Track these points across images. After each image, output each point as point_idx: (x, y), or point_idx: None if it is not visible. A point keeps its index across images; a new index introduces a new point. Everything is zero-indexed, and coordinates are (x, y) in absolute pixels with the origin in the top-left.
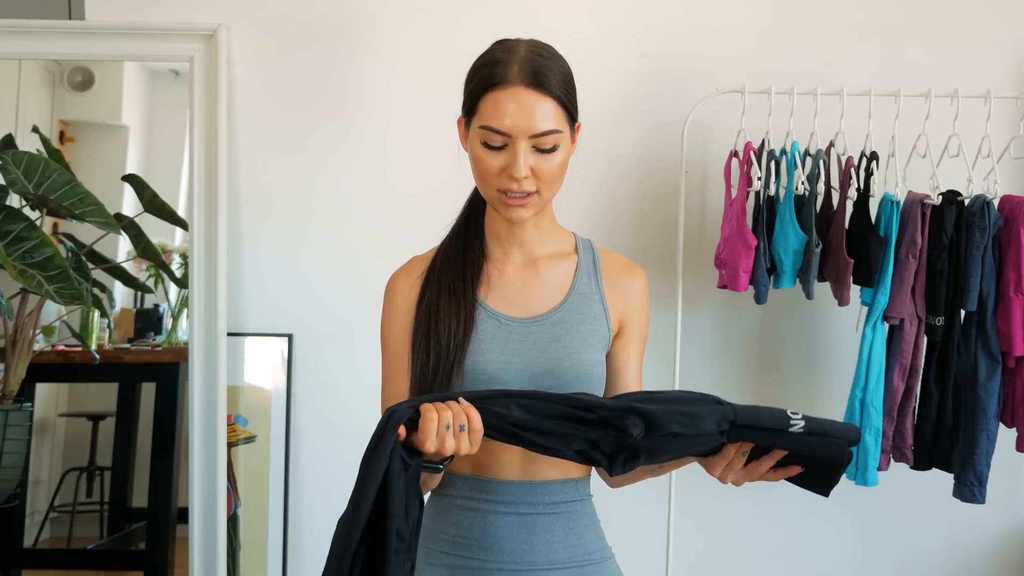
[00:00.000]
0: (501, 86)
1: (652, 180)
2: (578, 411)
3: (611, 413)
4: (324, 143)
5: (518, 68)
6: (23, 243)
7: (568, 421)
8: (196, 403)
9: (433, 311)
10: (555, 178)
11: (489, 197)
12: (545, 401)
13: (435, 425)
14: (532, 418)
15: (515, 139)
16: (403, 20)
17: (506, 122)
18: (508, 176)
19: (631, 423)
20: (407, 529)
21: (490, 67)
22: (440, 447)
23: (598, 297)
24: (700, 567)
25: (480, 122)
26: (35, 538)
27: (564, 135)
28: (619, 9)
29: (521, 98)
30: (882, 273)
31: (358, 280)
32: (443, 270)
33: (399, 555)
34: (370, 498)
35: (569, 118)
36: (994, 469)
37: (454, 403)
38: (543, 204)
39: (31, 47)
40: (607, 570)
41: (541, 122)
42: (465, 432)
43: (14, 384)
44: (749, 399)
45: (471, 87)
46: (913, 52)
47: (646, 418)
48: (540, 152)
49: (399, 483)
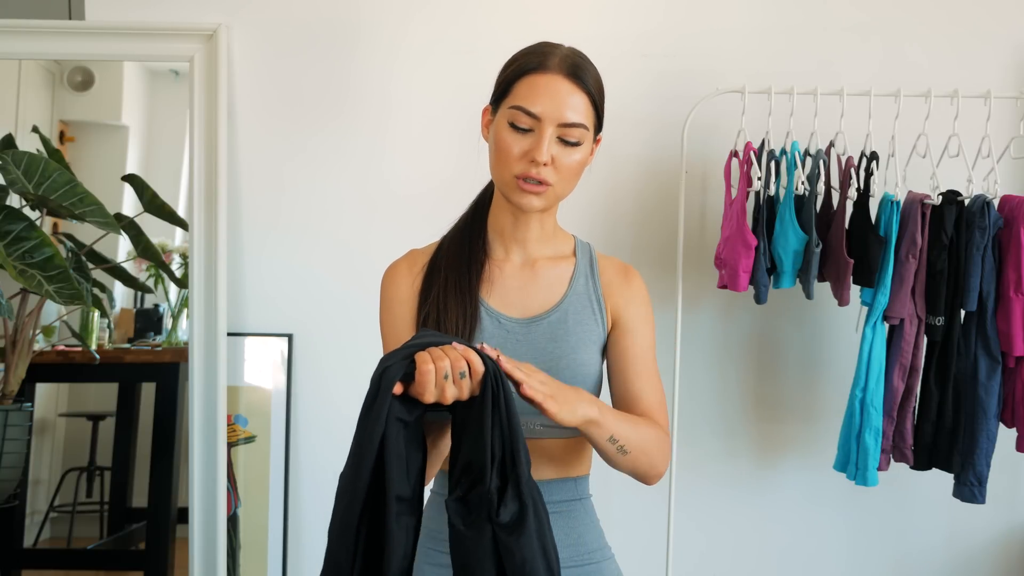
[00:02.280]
0: (540, 71)
1: (652, 180)
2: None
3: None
4: (324, 143)
5: (559, 59)
6: (23, 243)
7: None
8: (196, 403)
9: (442, 308)
10: (572, 175)
11: (504, 181)
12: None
13: (432, 376)
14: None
15: (543, 124)
16: (403, 20)
17: (539, 105)
18: (529, 160)
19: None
20: (408, 488)
21: (530, 56)
22: (440, 397)
23: (594, 298)
24: (700, 567)
25: (512, 103)
26: (35, 538)
27: (588, 134)
28: (620, 10)
29: (557, 86)
30: (882, 273)
31: (358, 280)
32: (449, 266)
33: (401, 518)
34: (369, 462)
35: (596, 120)
36: (994, 469)
37: (451, 348)
38: (555, 200)
39: (31, 47)
40: (607, 570)
41: (572, 113)
42: (467, 378)
43: (14, 384)
44: (749, 399)
45: (507, 72)
46: (913, 52)
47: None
48: (564, 144)
49: (397, 445)
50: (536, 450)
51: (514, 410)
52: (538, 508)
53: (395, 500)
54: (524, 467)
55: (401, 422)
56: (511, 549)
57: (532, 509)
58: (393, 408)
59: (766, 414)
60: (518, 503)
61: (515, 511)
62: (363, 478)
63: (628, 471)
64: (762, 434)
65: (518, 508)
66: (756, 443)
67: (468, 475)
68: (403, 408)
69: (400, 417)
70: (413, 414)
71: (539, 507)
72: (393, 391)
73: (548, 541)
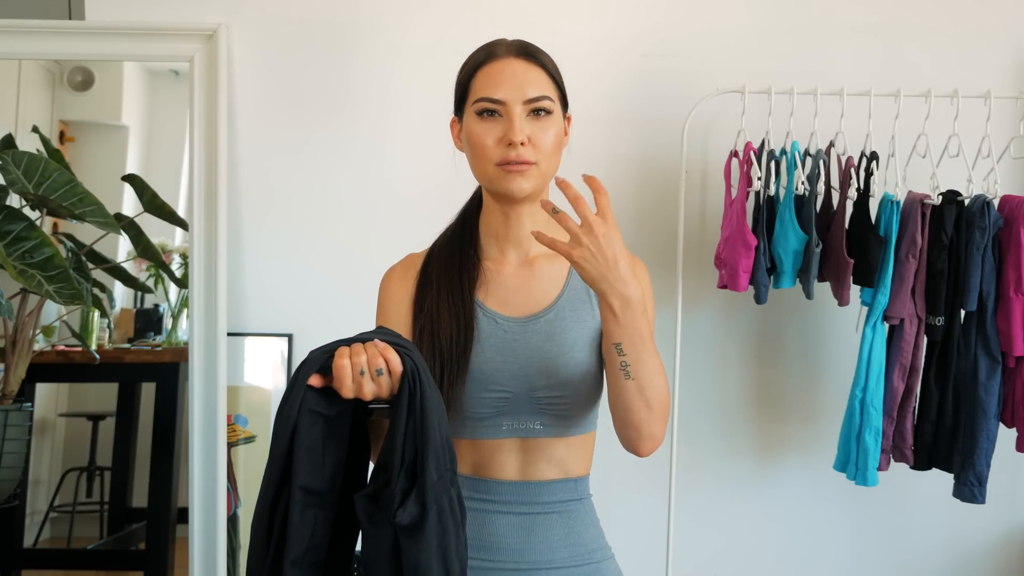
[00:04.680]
0: (491, 60)
1: (652, 180)
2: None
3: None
4: (324, 143)
5: (506, 46)
6: (23, 243)
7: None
8: (196, 403)
9: (435, 318)
10: (552, 150)
11: (488, 175)
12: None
13: (348, 372)
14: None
15: (510, 105)
16: (403, 20)
17: (500, 91)
18: (506, 144)
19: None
20: (321, 481)
21: (478, 52)
22: (359, 392)
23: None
24: (700, 567)
25: (474, 97)
26: (35, 538)
27: (555, 105)
28: (619, 9)
29: (513, 67)
30: (882, 273)
31: (358, 280)
32: (440, 274)
33: (307, 510)
34: (280, 452)
35: (560, 96)
36: (994, 469)
37: (370, 345)
38: (541, 179)
39: (31, 47)
40: (607, 570)
41: (533, 88)
42: (385, 375)
43: (14, 384)
44: (749, 399)
45: (461, 75)
46: (913, 52)
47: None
48: (535, 117)
49: (309, 436)
50: (536, 450)
51: (430, 413)
52: (445, 515)
53: (300, 490)
54: (431, 472)
55: (317, 414)
56: (407, 552)
57: (436, 515)
58: (308, 400)
59: (766, 414)
60: (420, 507)
61: (415, 514)
62: (274, 468)
63: (622, 413)
64: (762, 434)
65: (419, 512)
66: (756, 443)
67: (382, 474)
68: (322, 401)
69: (315, 409)
70: (333, 408)
71: (447, 514)
72: (311, 383)
73: (451, 549)
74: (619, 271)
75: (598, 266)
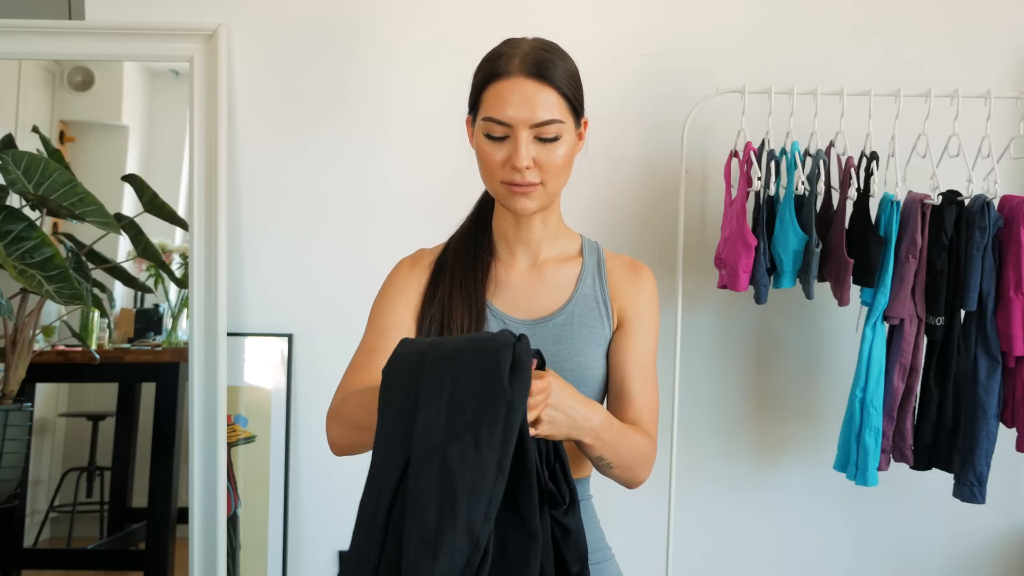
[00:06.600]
0: (502, 77)
1: (652, 180)
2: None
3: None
4: (324, 143)
5: (519, 60)
6: (23, 243)
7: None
8: (196, 403)
9: (447, 308)
10: (560, 170)
11: (495, 191)
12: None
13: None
14: None
15: (516, 129)
16: (403, 20)
17: (507, 112)
18: (511, 167)
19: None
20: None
21: (493, 61)
22: None
23: (601, 299)
24: (700, 567)
25: (483, 114)
26: (35, 538)
27: (567, 126)
28: (619, 9)
29: (522, 88)
30: (882, 273)
31: (358, 280)
32: (455, 267)
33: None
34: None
35: (573, 111)
36: (994, 469)
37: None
38: (548, 197)
39: (31, 47)
40: (607, 570)
41: (542, 111)
42: None
43: (14, 384)
44: (749, 399)
45: (475, 80)
46: (913, 52)
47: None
48: (542, 142)
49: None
50: None
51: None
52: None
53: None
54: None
55: None
56: (568, 525)
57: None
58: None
59: (766, 414)
60: (568, 488)
61: (566, 494)
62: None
63: (609, 477)
64: (762, 434)
65: (568, 492)
66: (756, 443)
67: None
68: None
69: None
70: None
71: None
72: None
73: None
74: (579, 411)
75: (563, 422)
